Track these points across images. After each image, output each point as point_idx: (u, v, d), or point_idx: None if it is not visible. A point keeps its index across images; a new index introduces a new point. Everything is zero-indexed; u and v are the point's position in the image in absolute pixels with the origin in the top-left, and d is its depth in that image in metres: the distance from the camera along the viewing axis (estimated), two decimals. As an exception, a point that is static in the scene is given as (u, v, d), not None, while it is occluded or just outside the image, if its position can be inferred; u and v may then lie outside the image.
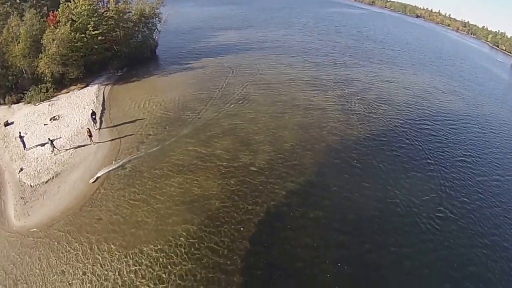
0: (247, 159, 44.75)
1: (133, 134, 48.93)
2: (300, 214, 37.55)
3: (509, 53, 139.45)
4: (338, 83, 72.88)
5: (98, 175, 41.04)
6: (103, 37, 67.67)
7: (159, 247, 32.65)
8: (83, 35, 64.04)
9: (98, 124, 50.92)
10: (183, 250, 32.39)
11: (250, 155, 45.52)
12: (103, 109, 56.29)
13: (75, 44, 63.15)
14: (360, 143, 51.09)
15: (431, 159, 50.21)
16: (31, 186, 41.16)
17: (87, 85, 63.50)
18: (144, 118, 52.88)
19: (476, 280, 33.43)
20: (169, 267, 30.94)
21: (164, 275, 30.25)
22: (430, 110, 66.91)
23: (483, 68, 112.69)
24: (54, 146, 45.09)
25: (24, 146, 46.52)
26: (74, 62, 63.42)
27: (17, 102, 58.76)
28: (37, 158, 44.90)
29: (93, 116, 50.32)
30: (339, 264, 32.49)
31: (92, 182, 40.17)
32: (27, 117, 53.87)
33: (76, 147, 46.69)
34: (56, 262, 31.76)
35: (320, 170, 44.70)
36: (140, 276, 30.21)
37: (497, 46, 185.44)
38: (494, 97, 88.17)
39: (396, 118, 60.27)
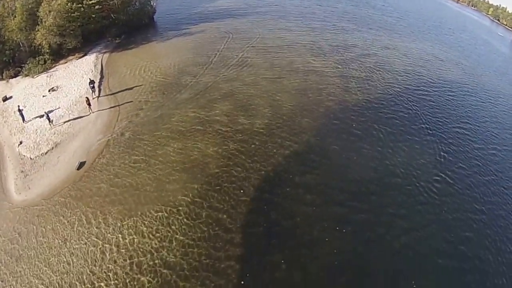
0: (246, 122, 44.27)
1: (132, 101, 48.31)
2: (299, 175, 37.50)
3: (510, 28, 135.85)
4: (337, 48, 71.20)
5: (81, 160, 39.19)
6: (100, 6, 65.95)
7: (160, 209, 32.93)
8: (80, 5, 62.42)
9: (96, 92, 50.05)
10: (184, 210, 32.74)
11: (249, 118, 45.01)
12: (102, 77, 55.37)
13: (72, 14, 61.69)
14: (359, 107, 50.39)
15: (429, 125, 49.64)
16: (31, 158, 41.00)
17: (85, 54, 62.37)
18: (142, 85, 52.13)
19: (472, 245, 33.69)
20: (170, 227, 31.29)
21: (165, 235, 30.63)
22: (429, 78, 65.30)
23: (483, 41, 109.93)
24: (49, 120, 44.32)
25: (23, 119, 46.11)
26: (71, 32, 62.18)
27: (15, 76, 58.04)
28: (36, 130, 44.55)
29: (92, 85, 49.35)
30: (337, 228, 32.71)
31: (77, 169, 38.45)
32: (26, 90, 53.31)
33: (75, 117, 46.16)
34: (59, 231, 32.01)
35: (319, 132, 44.29)
36: (142, 236, 30.61)
37: (498, 20, 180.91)
38: (493, 69, 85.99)
39: (395, 85, 59.05)
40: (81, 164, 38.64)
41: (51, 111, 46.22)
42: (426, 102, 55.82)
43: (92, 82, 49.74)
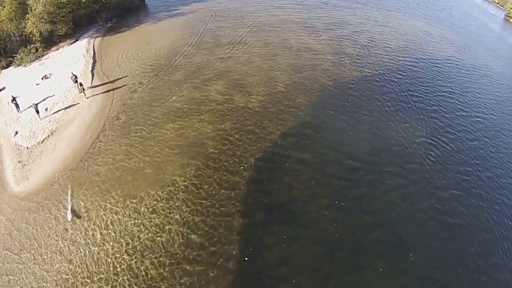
0: (242, 101, 43.94)
1: (125, 84, 47.76)
2: (296, 151, 37.59)
3: (501, 7, 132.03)
4: (329, 25, 69.95)
5: (69, 208, 32.58)
6: (90, -9, 65.04)
7: (159, 189, 32.97)
8: (69, -9, 61.64)
9: (80, 86, 46.65)
10: (183, 190, 32.85)
11: (244, 97, 44.66)
12: (94, 62, 54.59)
13: (62, 1, 60.64)
14: (354, 83, 49.99)
15: (421, 98, 49.78)
16: (27, 148, 40.82)
17: (76, 40, 61.54)
18: (135, 67, 51.45)
19: (469, 217, 34.13)
20: (170, 206, 31.53)
21: (166, 214, 30.92)
22: (420, 52, 64.31)
23: (474, 18, 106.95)
24: (38, 111, 43.79)
25: (18, 109, 45.69)
26: (62, 18, 61.15)
27: (7, 66, 57.40)
28: (31, 119, 44.15)
29: (75, 79, 47.14)
30: (336, 201, 32.96)
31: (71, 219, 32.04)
32: (19, 79, 52.80)
33: (69, 103, 45.82)
34: (60, 218, 32.00)
35: (314, 108, 44.09)
36: (143, 217, 30.88)
37: None
38: (484, 45, 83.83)
39: (387, 60, 58.41)
40: (74, 212, 32.24)
41: (45, 99, 46.16)
42: (418, 76, 55.46)
43: (75, 76, 47.50)
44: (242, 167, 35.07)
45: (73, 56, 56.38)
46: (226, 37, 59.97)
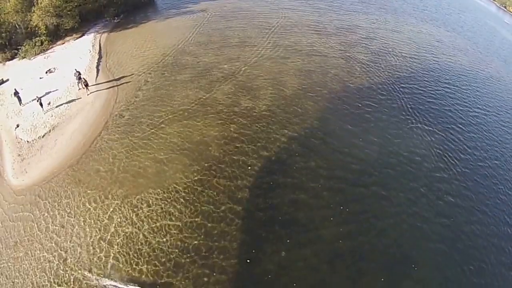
0: (249, 104, 43.36)
1: (130, 82, 47.12)
2: (304, 158, 37.03)
3: None
4: (341, 29, 69.07)
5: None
6: (97, -15, 64.49)
7: (160, 191, 32.38)
8: (76, -15, 61.10)
9: (82, 84, 46.37)
10: (184, 192, 32.25)
11: (252, 100, 44.07)
12: (100, 58, 53.92)
13: (68, -6, 60.43)
14: (364, 90, 49.31)
15: (434, 109, 48.67)
16: (27, 142, 40.29)
17: (83, 35, 61.05)
18: (141, 65, 50.79)
19: (475, 235, 33.20)
20: (170, 208, 30.99)
21: (166, 217, 30.34)
22: (432, 61, 63.31)
23: (488, 26, 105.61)
24: (41, 105, 43.21)
25: (20, 102, 45.16)
26: (68, 12, 60.62)
27: (12, 58, 56.96)
28: (33, 112, 43.63)
29: (78, 76, 46.55)
30: (341, 207, 32.56)
31: None
32: (22, 72, 52.35)
33: (73, 98, 45.29)
34: (56, 215, 31.45)
35: (323, 115, 43.51)
36: (142, 218, 30.31)
37: (505, 8, 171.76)
38: (497, 54, 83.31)
39: (399, 68, 57.53)
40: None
41: (48, 93, 45.72)
42: (428, 84, 54.63)
43: (78, 73, 46.91)
44: (247, 171, 34.58)
45: (79, 51, 55.88)
46: (235, 38, 59.41)
